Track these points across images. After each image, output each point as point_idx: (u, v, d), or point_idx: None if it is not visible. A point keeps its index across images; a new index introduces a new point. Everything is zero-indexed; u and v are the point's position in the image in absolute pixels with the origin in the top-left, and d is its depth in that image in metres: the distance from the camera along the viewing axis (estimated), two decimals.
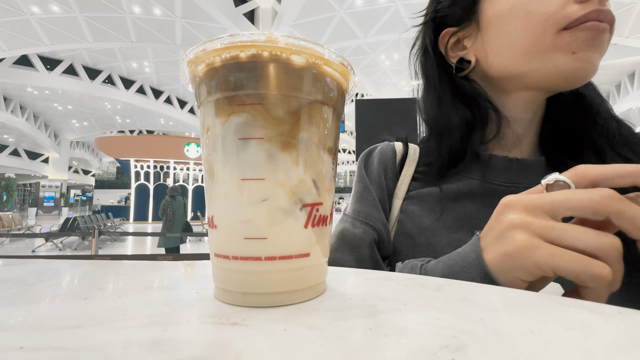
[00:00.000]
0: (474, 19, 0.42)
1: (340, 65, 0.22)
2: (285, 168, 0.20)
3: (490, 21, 0.39)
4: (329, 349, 0.14)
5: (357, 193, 0.48)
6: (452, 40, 0.45)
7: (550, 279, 0.25)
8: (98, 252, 4.47)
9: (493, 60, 0.40)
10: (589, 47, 0.33)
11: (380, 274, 0.27)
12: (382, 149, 0.51)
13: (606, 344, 0.14)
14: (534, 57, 0.36)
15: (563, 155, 0.41)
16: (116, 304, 0.19)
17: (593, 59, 0.34)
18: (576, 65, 0.34)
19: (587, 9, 0.32)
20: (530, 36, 0.35)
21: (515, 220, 0.24)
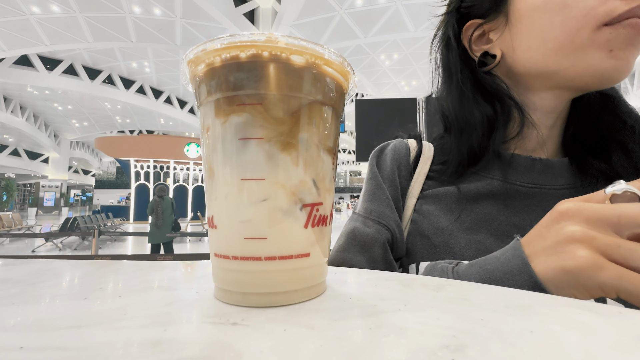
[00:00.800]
0: (502, 10, 0.39)
1: (340, 65, 0.22)
2: (285, 168, 0.20)
3: (522, 14, 0.37)
4: (329, 349, 0.14)
5: (369, 191, 0.46)
6: (476, 33, 0.43)
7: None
8: (98, 252, 4.47)
9: (521, 56, 0.38)
10: (628, 45, 0.31)
11: (381, 274, 0.27)
12: (396, 146, 0.49)
13: (606, 344, 0.14)
14: (568, 54, 0.34)
15: (588, 157, 0.40)
16: (116, 304, 0.19)
17: (631, 58, 0.32)
18: (613, 64, 0.32)
19: (632, 4, 0.30)
20: (566, 31, 0.33)
21: (576, 234, 0.22)
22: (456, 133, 0.43)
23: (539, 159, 0.40)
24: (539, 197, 0.39)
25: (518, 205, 0.39)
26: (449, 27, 0.46)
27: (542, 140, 0.41)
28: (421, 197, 0.45)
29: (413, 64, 14.10)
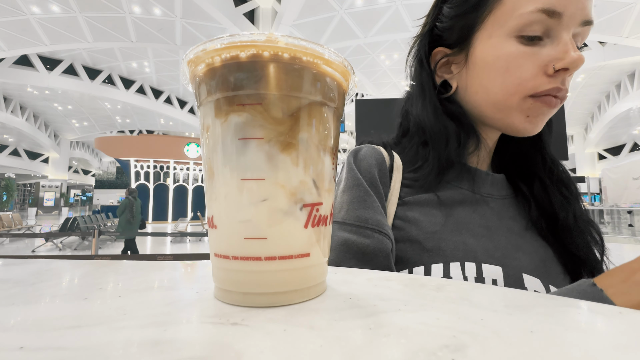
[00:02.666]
0: (464, 49, 0.44)
1: (340, 65, 0.22)
2: (285, 168, 0.20)
3: (476, 62, 0.43)
4: (329, 349, 0.14)
5: (358, 198, 0.43)
6: (442, 60, 0.47)
7: None
8: (98, 252, 4.47)
9: (470, 98, 0.45)
10: (541, 114, 0.40)
11: (381, 274, 0.27)
12: (372, 152, 0.48)
13: (606, 344, 0.14)
14: (501, 109, 0.42)
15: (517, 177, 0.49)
16: (116, 304, 0.19)
17: (541, 123, 0.41)
18: (527, 126, 0.41)
19: (552, 84, 0.38)
20: (503, 92, 0.41)
21: None
22: (433, 143, 0.47)
23: (490, 174, 0.48)
24: (492, 204, 0.47)
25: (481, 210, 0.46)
26: (422, 46, 0.49)
27: (488, 157, 0.51)
28: (401, 204, 0.45)
29: None
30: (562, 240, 0.45)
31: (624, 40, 8.70)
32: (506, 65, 0.40)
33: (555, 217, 0.45)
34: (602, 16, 8.19)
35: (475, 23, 0.42)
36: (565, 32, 0.38)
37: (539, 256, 0.43)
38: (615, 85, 13.41)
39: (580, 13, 0.37)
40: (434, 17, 0.48)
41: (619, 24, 8.34)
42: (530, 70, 0.38)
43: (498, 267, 0.39)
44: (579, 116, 16.36)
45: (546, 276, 0.41)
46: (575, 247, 0.44)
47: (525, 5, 0.38)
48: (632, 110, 12.95)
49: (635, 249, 5.92)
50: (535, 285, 0.39)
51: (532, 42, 0.38)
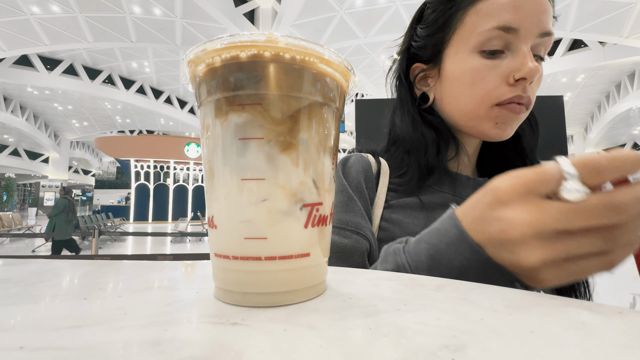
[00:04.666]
0: (437, 65, 0.49)
1: (341, 65, 0.22)
2: (285, 168, 0.20)
3: (447, 75, 0.47)
4: (329, 349, 0.14)
5: (341, 203, 0.47)
6: (420, 75, 0.52)
7: None
8: (98, 252, 4.47)
9: (445, 106, 0.49)
10: (507, 120, 0.44)
11: (380, 274, 0.27)
12: (358, 159, 0.53)
13: (606, 344, 0.14)
14: (471, 118, 0.46)
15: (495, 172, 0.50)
16: (116, 304, 0.19)
17: (509, 128, 0.45)
18: (496, 132, 0.45)
19: (513, 93, 0.42)
20: (472, 102, 0.44)
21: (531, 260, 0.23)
22: (413, 151, 0.51)
23: (472, 178, 0.51)
24: None
25: None
26: (401, 63, 0.54)
27: (469, 162, 0.54)
28: (387, 206, 0.50)
29: None
30: None
31: (624, 40, 8.70)
32: (471, 78, 0.44)
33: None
34: (602, 16, 8.18)
35: (443, 41, 0.47)
36: (523, 45, 0.41)
37: None
38: (615, 85, 13.41)
39: (536, 27, 0.40)
40: (410, 37, 0.53)
41: (619, 24, 8.33)
42: (493, 81, 0.42)
43: None
44: (579, 116, 16.35)
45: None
46: None
47: (483, 24, 0.42)
48: (632, 110, 12.95)
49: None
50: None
51: (494, 56, 0.42)
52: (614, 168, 0.21)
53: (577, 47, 10.82)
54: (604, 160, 0.21)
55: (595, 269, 0.23)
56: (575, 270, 0.23)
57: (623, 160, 0.21)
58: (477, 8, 0.42)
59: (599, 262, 0.22)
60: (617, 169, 0.21)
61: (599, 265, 0.22)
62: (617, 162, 0.21)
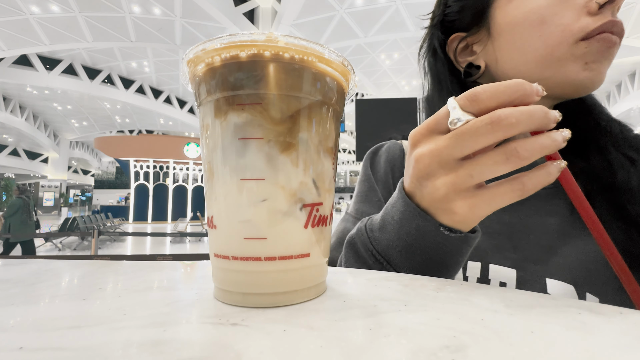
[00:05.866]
0: (484, 25, 0.42)
1: (341, 64, 0.22)
2: (285, 168, 0.20)
3: (503, 28, 0.39)
4: (329, 350, 0.14)
5: (361, 193, 0.48)
6: (461, 45, 0.45)
7: None
8: (97, 252, 4.47)
9: (504, 67, 0.40)
10: (601, 58, 0.34)
11: (381, 274, 0.27)
12: (390, 147, 0.50)
13: (606, 344, 0.14)
14: (547, 66, 0.36)
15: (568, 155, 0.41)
16: (116, 304, 0.19)
17: (603, 69, 0.35)
18: (587, 75, 0.35)
19: (602, 20, 0.33)
20: (545, 45, 0.36)
21: (441, 190, 0.25)
22: None
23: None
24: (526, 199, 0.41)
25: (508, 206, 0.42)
26: (434, 39, 0.48)
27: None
28: None
29: (413, 64, 14.05)
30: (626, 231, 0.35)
31: (624, 40, 8.70)
32: (540, 16, 0.36)
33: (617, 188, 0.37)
34: None
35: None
36: None
37: (582, 259, 0.36)
38: (615, 85, 13.43)
39: None
40: (442, 7, 0.47)
41: None
42: (570, 14, 0.34)
43: (512, 269, 0.37)
44: None
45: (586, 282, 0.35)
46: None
47: None
48: (632, 110, 12.97)
49: None
50: (563, 291, 0.35)
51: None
52: (489, 94, 0.22)
53: None
54: (479, 89, 0.23)
55: (508, 194, 0.23)
56: (488, 197, 0.24)
57: (499, 86, 0.22)
58: None
59: (510, 186, 0.23)
60: (492, 95, 0.22)
61: (510, 188, 0.23)
62: (493, 88, 0.22)
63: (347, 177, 36.20)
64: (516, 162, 0.22)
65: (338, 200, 27.77)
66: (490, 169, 0.23)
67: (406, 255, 0.29)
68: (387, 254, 0.31)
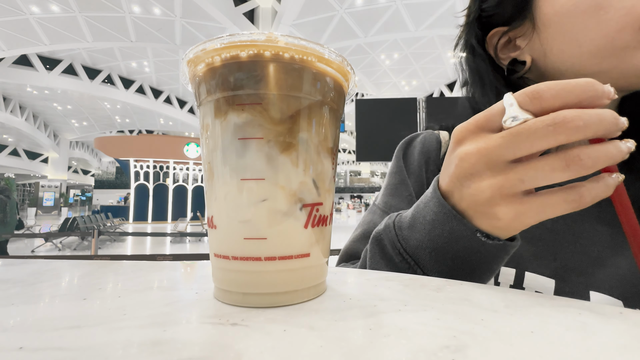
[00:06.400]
0: (528, 16, 0.38)
1: (340, 64, 0.22)
2: (285, 168, 0.20)
3: (550, 19, 0.36)
4: (329, 350, 0.14)
5: (391, 185, 0.46)
6: (502, 41, 0.42)
7: None
8: (97, 252, 4.47)
9: (555, 59, 0.37)
10: None
11: (380, 274, 0.27)
12: (425, 138, 0.47)
13: (606, 344, 0.14)
14: (608, 56, 0.32)
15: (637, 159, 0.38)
16: (115, 304, 0.19)
17: None
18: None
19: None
20: (604, 33, 0.32)
21: (486, 192, 0.23)
22: None
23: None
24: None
25: None
26: (470, 36, 0.44)
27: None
28: None
29: (413, 64, 14.10)
30: None
31: None
32: (596, 2, 0.32)
33: None
34: None
35: None
36: None
37: (635, 272, 0.33)
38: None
39: None
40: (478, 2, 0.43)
41: None
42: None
43: (550, 279, 0.34)
44: None
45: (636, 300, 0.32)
46: None
47: None
48: None
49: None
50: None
51: None
52: (554, 92, 0.20)
53: None
54: (543, 86, 0.21)
55: (561, 204, 0.21)
56: (538, 205, 0.22)
57: (567, 85, 0.20)
58: None
59: (564, 196, 0.21)
60: (557, 93, 0.20)
61: (564, 199, 0.21)
62: (559, 87, 0.20)
63: (347, 177, 36.21)
64: (577, 171, 0.20)
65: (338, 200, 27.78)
66: (545, 175, 0.20)
67: (436, 258, 0.28)
68: (415, 254, 0.29)
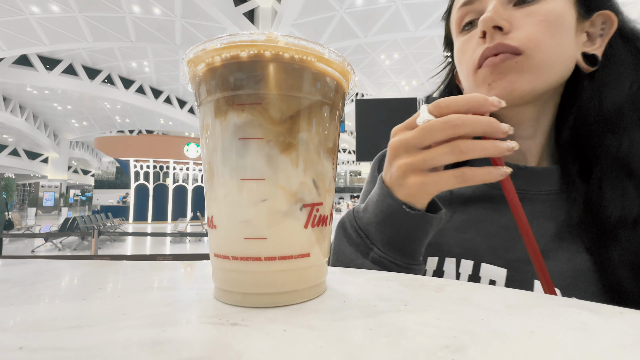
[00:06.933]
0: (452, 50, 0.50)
1: (340, 64, 0.22)
2: (285, 168, 0.20)
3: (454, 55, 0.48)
4: (329, 350, 0.14)
5: (366, 192, 0.51)
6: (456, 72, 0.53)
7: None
8: (97, 252, 4.47)
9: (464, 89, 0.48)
10: (496, 76, 0.39)
11: (380, 274, 0.27)
12: None
13: (606, 344, 0.14)
14: (473, 89, 0.43)
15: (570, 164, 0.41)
16: (116, 304, 0.19)
17: (506, 84, 0.38)
18: (495, 93, 0.39)
19: (481, 50, 0.40)
20: (466, 77, 0.44)
21: (402, 168, 0.32)
22: None
23: (524, 167, 0.43)
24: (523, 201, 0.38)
25: (505, 208, 0.42)
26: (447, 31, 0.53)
27: (522, 151, 0.45)
28: None
29: (413, 64, 14.10)
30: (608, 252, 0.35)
31: None
32: (459, 57, 0.45)
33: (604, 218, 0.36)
34: None
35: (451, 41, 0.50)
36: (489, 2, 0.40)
37: (571, 266, 0.37)
38: None
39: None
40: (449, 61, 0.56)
41: None
42: (471, 48, 0.42)
43: (502, 269, 0.38)
44: None
45: (571, 289, 0.35)
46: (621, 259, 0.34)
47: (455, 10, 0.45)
48: None
49: None
50: None
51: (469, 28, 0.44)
52: (447, 102, 0.29)
53: None
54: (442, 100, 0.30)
55: (450, 179, 0.30)
56: (435, 178, 0.30)
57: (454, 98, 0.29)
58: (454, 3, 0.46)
59: (453, 172, 0.29)
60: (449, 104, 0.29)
61: (453, 174, 0.29)
62: (450, 100, 0.29)
63: (347, 177, 36.19)
64: (458, 155, 0.28)
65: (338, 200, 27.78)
66: (439, 157, 0.29)
67: (379, 229, 0.35)
68: (366, 229, 0.37)
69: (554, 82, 0.39)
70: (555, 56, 0.38)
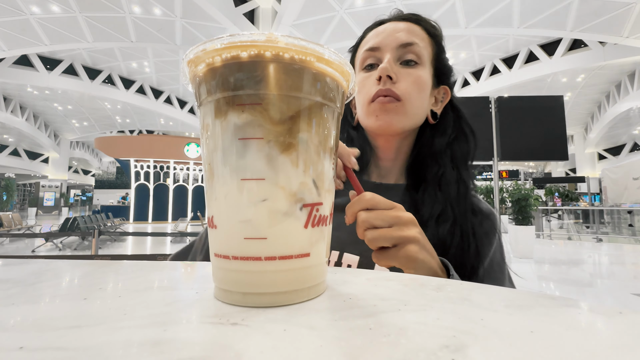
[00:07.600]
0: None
1: (340, 65, 0.22)
2: (285, 168, 0.20)
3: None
4: (329, 349, 0.14)
5: None
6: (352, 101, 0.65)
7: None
8: (98, 252, 4.47)
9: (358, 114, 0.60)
10: (381, 113, 0.53)
11: (381, 274, 0.27)
12: None
13: (606, 344, 0.14)
14: (364, 119, 0.56)
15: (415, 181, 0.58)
16: (116, 304, 0.19)
17: (388, 119, 0.53)
18: (378, 124, 0.54)
19: (377, 88, 0.53)
20: (362, 104, 0.56)
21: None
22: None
23: (381, 184, 0.60)
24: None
25: None
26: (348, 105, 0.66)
27: (387, 169, 0.61)
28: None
29: None
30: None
31: (624, 40, 8.69)
32: (359, 88, 0.57)
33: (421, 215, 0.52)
34: (602, 16, 8.19)
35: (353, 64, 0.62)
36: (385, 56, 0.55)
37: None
38: (615, 85, 13.41)
39: (393, 42, 0.54)
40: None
41: (619, 24, 8.32)
42: (368, 85, 0.55)
43: (356, 256, 0.52)
44: (579, 116, 16.35)
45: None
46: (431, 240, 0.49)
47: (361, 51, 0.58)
48: (632, 110, 12.95)
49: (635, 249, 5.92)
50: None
51: (370, 68, 0.57)
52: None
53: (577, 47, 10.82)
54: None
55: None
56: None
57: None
58: (361, 45, 0.60)
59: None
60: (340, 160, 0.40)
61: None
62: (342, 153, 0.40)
63: None
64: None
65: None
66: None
67: None
68: None
69: (414, 124, 0.56)
70: (419, 108, 0.55)
